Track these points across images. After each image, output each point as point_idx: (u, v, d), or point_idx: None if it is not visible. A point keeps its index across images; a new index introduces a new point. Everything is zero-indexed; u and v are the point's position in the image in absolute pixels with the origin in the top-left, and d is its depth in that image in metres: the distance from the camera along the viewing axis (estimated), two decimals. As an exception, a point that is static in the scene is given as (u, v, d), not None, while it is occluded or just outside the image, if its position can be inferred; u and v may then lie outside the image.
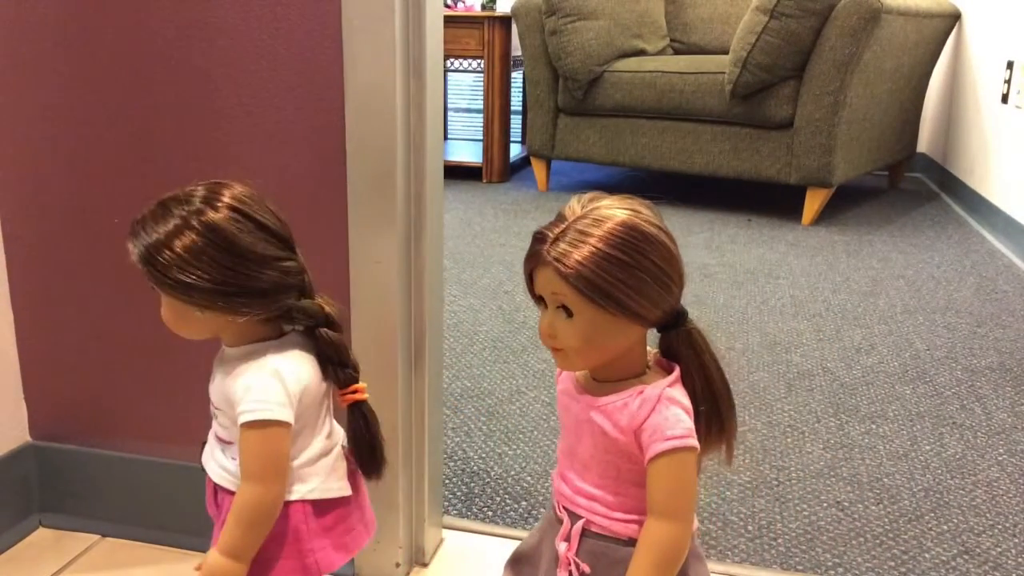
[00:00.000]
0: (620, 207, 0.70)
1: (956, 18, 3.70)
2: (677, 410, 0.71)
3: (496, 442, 1.55)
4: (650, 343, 0.76)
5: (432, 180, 1.09)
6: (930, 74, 3.73)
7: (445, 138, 4.52)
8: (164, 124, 1.10)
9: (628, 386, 0.73)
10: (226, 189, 0.78)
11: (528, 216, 3.25)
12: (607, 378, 0.74)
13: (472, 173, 3.87)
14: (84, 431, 1.24)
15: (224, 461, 0.83)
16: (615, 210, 0.70)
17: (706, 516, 1.34)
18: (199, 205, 0.76)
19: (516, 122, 4.31)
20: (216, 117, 1.09)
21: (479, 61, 3.81)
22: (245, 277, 0.76)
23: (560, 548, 0.76)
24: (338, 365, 0.82)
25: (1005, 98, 3.16)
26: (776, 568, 1.23)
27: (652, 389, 0.72)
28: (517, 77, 4.17)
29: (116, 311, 1.18)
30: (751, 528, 1.31)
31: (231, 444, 0.82)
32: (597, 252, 0.68)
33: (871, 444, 1.57)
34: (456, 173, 3.81)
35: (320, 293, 0.83)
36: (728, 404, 0.75)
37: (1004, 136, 3.14)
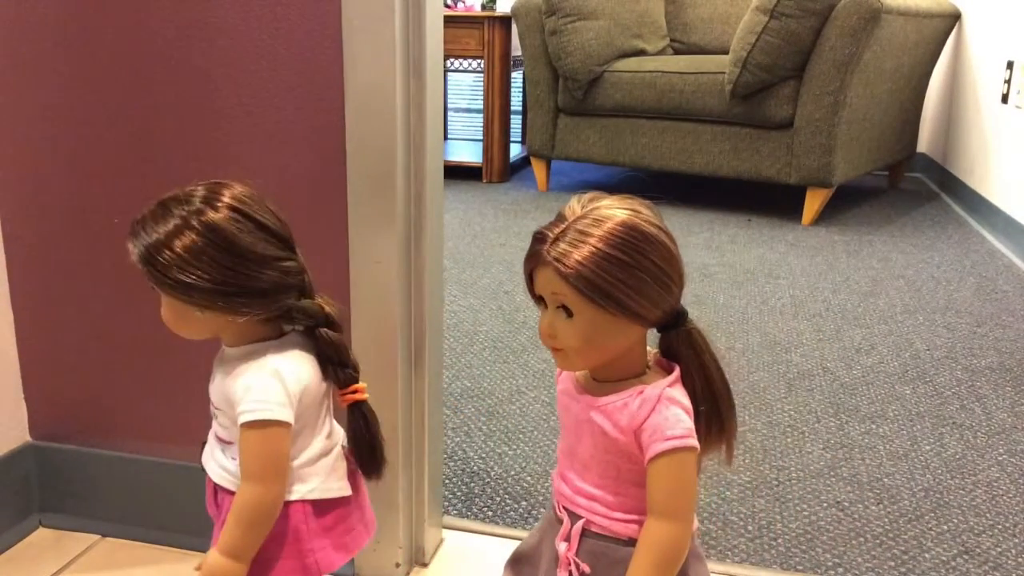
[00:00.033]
0: (620, 207, 0.70)
1: (956, 18, 3.70)
2: (677, 410, 0.71)
3: (496, 442, 1.55)
4: (650, 343, 0.76)
5: (432, 180, 1.09)
6: (930, 74, 3.73)
7: (445, 138, 4.52)
8: (164, 124, 1.10)
9: (628, 386, 0.73)
10: (226, 189, 0.78)
11: (528, 216, 3.25)
12: (607, 378, 0.74)
13: (472, 173, 3.87)
14: (84, 431, 1.24)
15: (224, 461, 0.83)
16: (615, 210, 0.70)
17: (706, 516, 1.34)
18: (199, 205, 0.76)
19: (516, 122, 4.31)
20: (216, 117, 1.09)
21: (479, 61, 3.81)
22: (245, 277, 0.76)
23: (560, 548, 0.76)
24: (338, 365, 0.82)
25: (1005, 98, 3.16)
26: (776, 568, 1.23)
27: (652, 389, 0.72)
28: (517, 77, 4.17)
29: (116, 311, 1.18)
30: (751, 528, 1.31)
31: (231, 444, 0.82)
32: (597, 252, 0.68)
33: (871, 444, 1.57)
34: (456, 173, 3.81)
35: (320, 293, 0.83)
36: (728, 404, 0.75)
37: (1004, 136, 3.14)
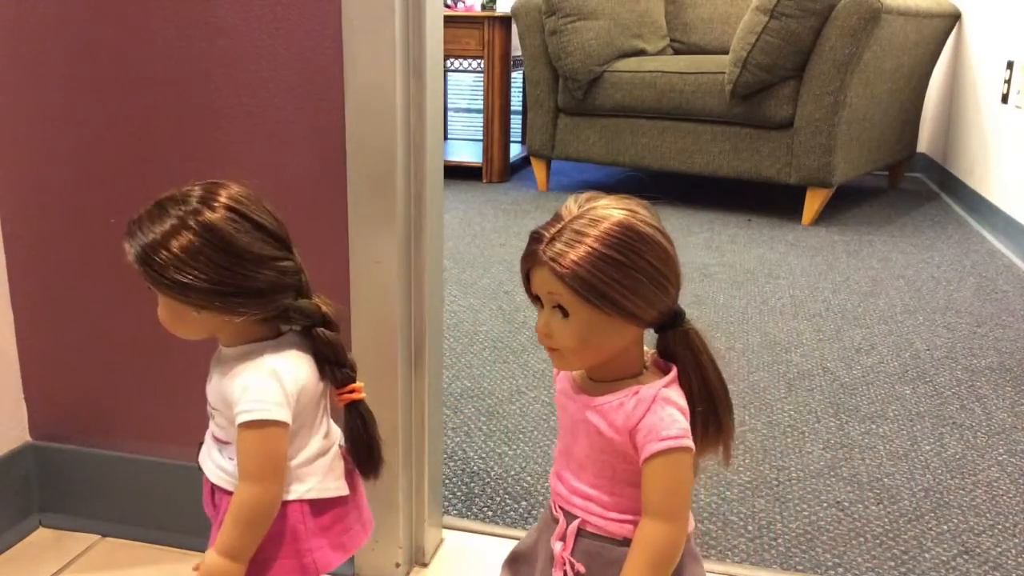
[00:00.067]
0: (617, 207, 0.70)
1: (956, 18, 3.70)
2: (672, 410, 0.71)
3: (496, 442, 1.55)
4: (648, 343, 0.76)
5: (432, 180, 1.09)
6: (930, 74, 3.73)
7: (445, 138, 4.52)
8: (164, 124, 1.11)
9: (624, 386, 0.73)
10: (223, 189, 0.78)
11: (528, 216, 3.25)
12: (603, 378, 0.74)
13: (472, 173, 3.87)
14: (84, 431, 1.24)
15: (221, 461, 0.83)
16: (612, 210, 0.69)
17: (706, 516, 1.34)
18: (196, 205, 0.76)
19: (516, 122, 4.31)
20: (216, 117, 1.09)
21: (479, 61, 3.81)
22: (242, 277, 0.76)
23: (556, 548, 0.76)
24: (335, 365, 0.82)
25: (1005, 98, 3.16)
26: (776, 568, 1.23)
27: (648, 389, 0.71)
28: (517, 77, 4.17)
29: (116, 311, 1.18)
30: (751, 528, 1.31)
31: (228, 444, 0.82)
32: (593, 252, 0.67)
33: (871, 444, 1.57)
34: (456, 173, 3.81)
35: (317, 293, 0.83)
36: (725, 404, 0.75)
37: (1004, 136, 3.14)
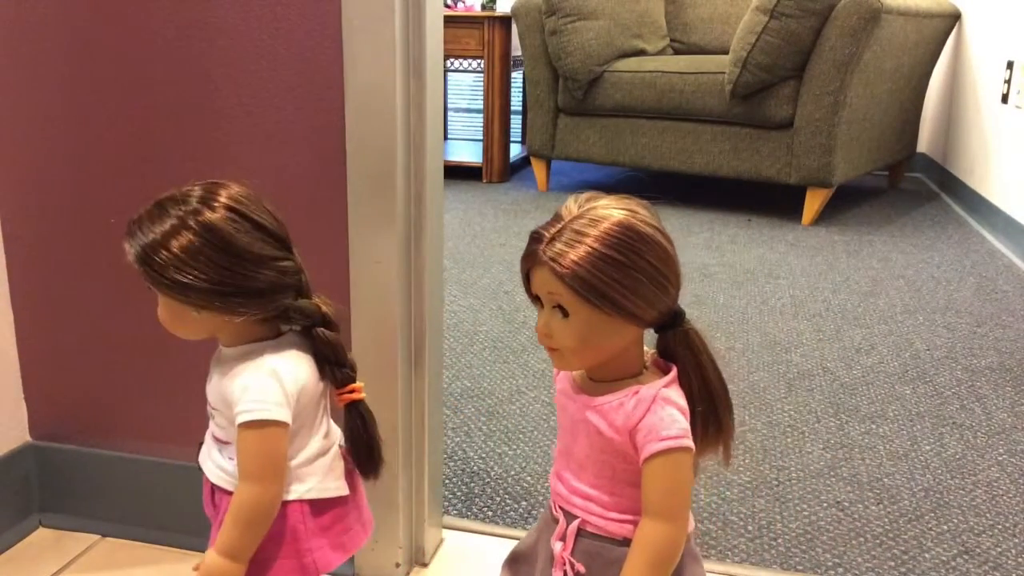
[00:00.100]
0: (617, 207, 0.70)
1: (956, 18, 3.70)
2: (672, 410, 0.71)
3: (496, 442, 1.55)
4: (648, 344, 0.76)
5: (432, 180, 1.09)
6: (930, 74, 3.73)
7: (445, 138, 4.52)
8: (164, 124, 1.11)
9: (624, 386, 0.73)
10: (223, 189, 0.78)
11: (528, 216, 3.25)
12: (603, 378, 0.74)
13: (472, 173, 3.87)
14: (84, 431, 1.24)
15: (221, 461, 0.83)
16: (612, 210, 0.69)
17: (706, 516, 1.34)
18: (196, 205, 0.76)
19: (516, 122, 4.31)
20: (216, 117, 1.09)
21: (479, 61, 3.81)
22: (242, 277, 0.75)
23: (555, 548, 0.76)
24: (335, 365, 0.82)
25: (1005, 98, 3.16)
26: (776, 568, 1.23)
27: (648, 389, 0.71)
28: (517, 77, 4.17)
29: (116, 311, 1.18)
30: (751, 528, 1.31)
31: (228, 444, 0.82)
32: (593, 252, 0.67)
33: (871, 444, 1.57)
34: (456, 173, 3.81)
35: (317, 293, 0.83)
36: (725, 405, 0.75)
37: (1004, 136, 3.14)
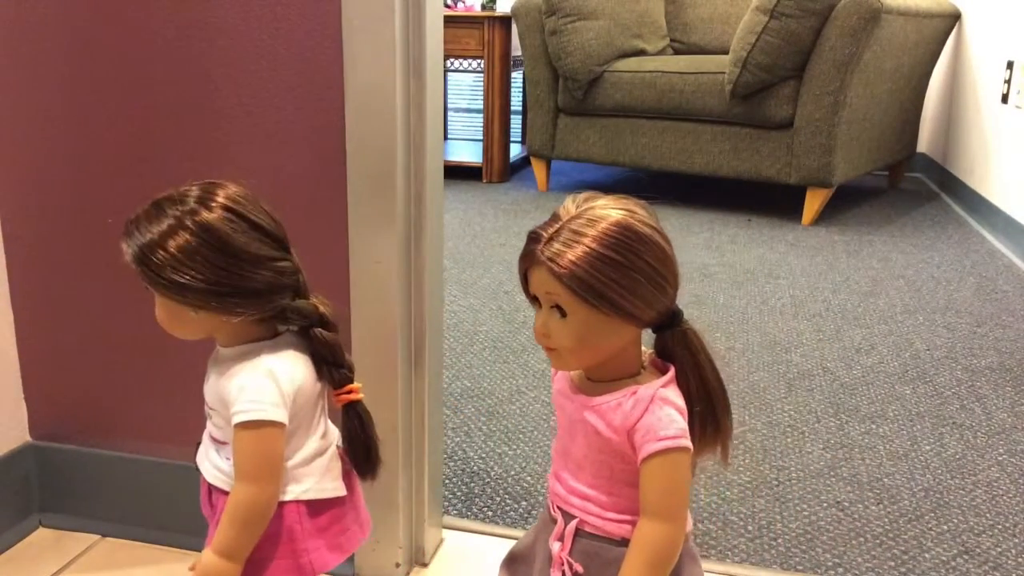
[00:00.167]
0: (615, 207, 0.70)
1: (956, 18, 3.70)
2: (670, 410, 0.71)
3: (496, 442, 1.55)
4: (647, 344, 0.76)
5: (432, 180, 1.09)
6: (930, 74, 3.73)
7: (445, 138, 4.52)
8: (164, 124, 1.11)
9: (622, 386, 0.73)
10: (220, 189, 0.78)
11: (528, 216, 3.25)
12: (601, 378, 0.74)
13: (472, 173, 3.87)
14: (84, 431, 1.24)
15: (218, 461, 0.83)
16: (609, 210, 0.69)
17: (706, 516, 1.34)
18: (193, 205, 0.76)
19: (516, 122, 4.31)
20: (216, 117, 1.09)
21: (479, 61, 3.81)
22: (239, 277, 0.75)
23: (553, 548, 0.76)
24: (333, 365, 0.82)
25: (1005, 98, 3.16)
26: (776, 568, 1.23)
27: (646, 389, 0.71)
28: (517, 77, 4.17)
29: (116, 311, 1.18)
30: (751, 528, 1.31)
31: (225, 444, 0.82)
32: (591, 252, 0.67)
33: (871, 444, 1.57)
34: (456, 173, 3.81)
35: (315, 293, 0.82)
36: (723, 405, 0.75)
37: (1004, 136, 3.14)
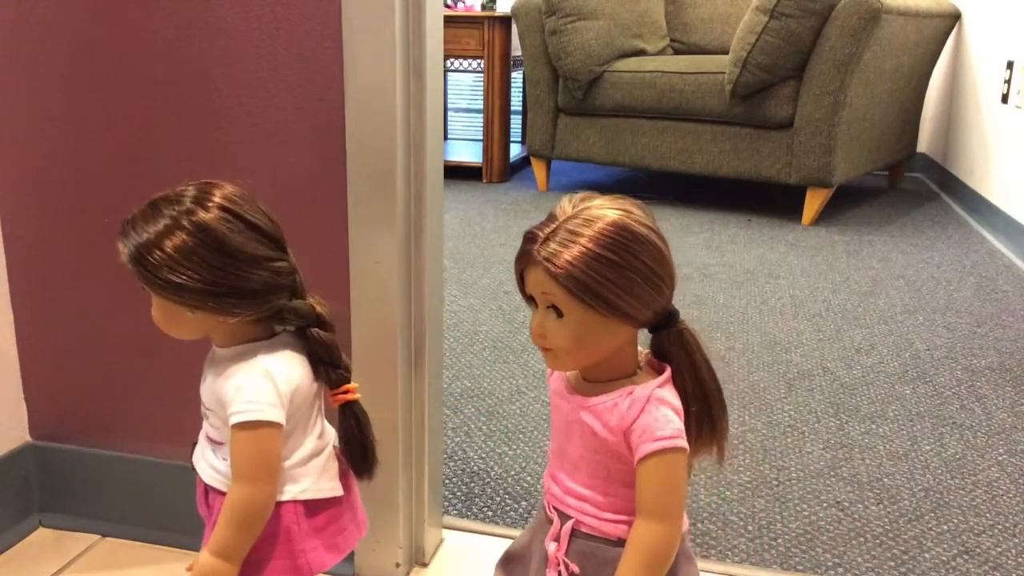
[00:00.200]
0: (611, 207, 0.70)
1: (956, 18, 3.70)
2: (667, 411, 0.71)
3: (496, 442, 1.55)
4: (643, 344, 0.76)
5: (432, 180, 1.09)
6: (930, 74, 3.73)
7: (445, 138, 4.52)
8: (164, 124, 1.11)
9: (618, 386, 0.73)
10: (217, 189, 0.77)
11: (528, 216, 3.25)
12: (598, 378, 0.74)
13: (472, 173, 3.87)
14: (84, 431, 1.24)
15: (215, 462, 0.83)
16: (606, 210, 0.69)
17: (706, 516, 1.34)
18: (189, 205, 0.76)
19: (516, 122, 4.31)
20: (216, 117, 1.09)
21: (479, 61, 3.81)
22: (235, 277, 0.75)
23: (550, 548, 0.76)
24: (329, 365, 0.82)
25: (1005, 98, 3.16)
26: (776, 568, 1.23)
27: (642, 389, 0.71)
28: (517, 77, 4.17)
29: (116, 311, 1.18)
30: (751, 528, 1.31)
31: (222, 445, 0.82)
32: (587, 252, 0.67)
33: (871, 444, 1.57)
34: (456, 173, 3.81)
35: (312, 293, 0.82)
36: (719, 405, 0.75)
37: (1004, 136, 3.14)
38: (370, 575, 1.16)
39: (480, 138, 3.95)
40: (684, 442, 0.71)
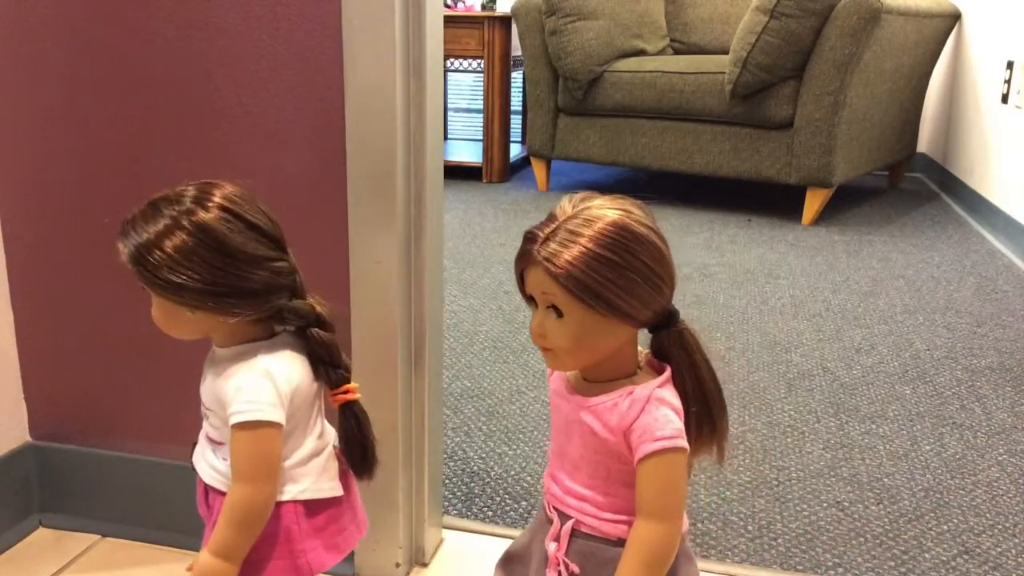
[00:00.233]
0: (611, 207, 0.70)
1: (956, 18, 3.70)
2: (667, 411, 0.71)
3: (496, 442, 1.56)
4: (643, 344, 0.76)
5: (432, 180, 1.09)
6: (930, 74, 3.73)
7: (445, 138, 4.52)
8: (164, 124, 1.11)
9: (618, 386, 0.73)
10: (217, 189, 0.77)
11: (528, 216, 3.25)
12: (597, 378, 0.74)
13: (472, 173, 3.87)
14: (84, 431, 1.24)
15: (215, 462, 0.83)
16: (606, 210, 0.69)
17: (706, 516, 1.34)
18: (189, 205, 0.75)
19: (516, 122, 4.31)
20: (216, 117, 1.09)
21: (479, 61, 3.81)
22: (235, 277, 0.75)
23: (550, 548, 0.76)
24: (329, 365, 0.82)
25: (1005, 98, 3.16)
26: (776, 568, 1.23)
27: (642, 389, 0.71)
28: (517, 77, 4.17)
29: (116, 311, 1.18)
30: (751, 528, 1.31)
31: (222, 445, 0.82)
32: (587, 252, 0.67)
33: (871, 444, 1.57)
34: (456, 173, 3.81)
35: (312, 293, 0.82)
36: (719, 405, 0.75)
37: (1004, 136, 3.14)
38: (370, 575, 1.16)
39: (480, 138, 3.95)
40: (684, 442, 0.71)
